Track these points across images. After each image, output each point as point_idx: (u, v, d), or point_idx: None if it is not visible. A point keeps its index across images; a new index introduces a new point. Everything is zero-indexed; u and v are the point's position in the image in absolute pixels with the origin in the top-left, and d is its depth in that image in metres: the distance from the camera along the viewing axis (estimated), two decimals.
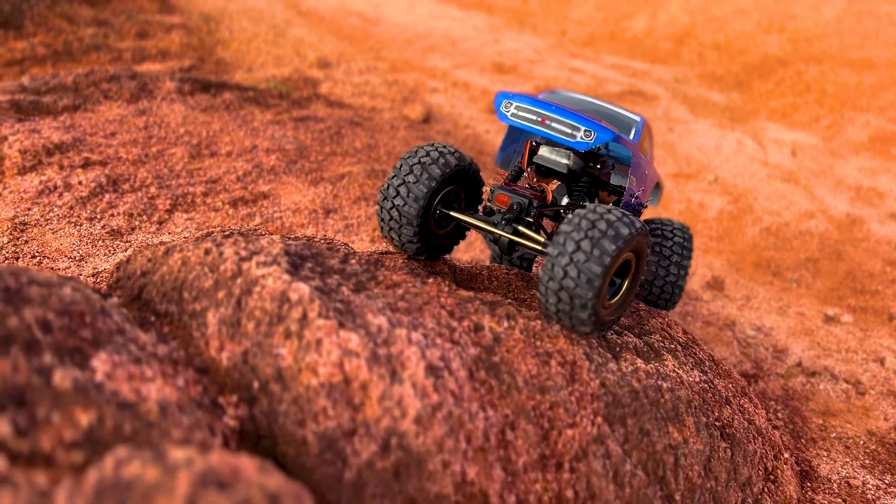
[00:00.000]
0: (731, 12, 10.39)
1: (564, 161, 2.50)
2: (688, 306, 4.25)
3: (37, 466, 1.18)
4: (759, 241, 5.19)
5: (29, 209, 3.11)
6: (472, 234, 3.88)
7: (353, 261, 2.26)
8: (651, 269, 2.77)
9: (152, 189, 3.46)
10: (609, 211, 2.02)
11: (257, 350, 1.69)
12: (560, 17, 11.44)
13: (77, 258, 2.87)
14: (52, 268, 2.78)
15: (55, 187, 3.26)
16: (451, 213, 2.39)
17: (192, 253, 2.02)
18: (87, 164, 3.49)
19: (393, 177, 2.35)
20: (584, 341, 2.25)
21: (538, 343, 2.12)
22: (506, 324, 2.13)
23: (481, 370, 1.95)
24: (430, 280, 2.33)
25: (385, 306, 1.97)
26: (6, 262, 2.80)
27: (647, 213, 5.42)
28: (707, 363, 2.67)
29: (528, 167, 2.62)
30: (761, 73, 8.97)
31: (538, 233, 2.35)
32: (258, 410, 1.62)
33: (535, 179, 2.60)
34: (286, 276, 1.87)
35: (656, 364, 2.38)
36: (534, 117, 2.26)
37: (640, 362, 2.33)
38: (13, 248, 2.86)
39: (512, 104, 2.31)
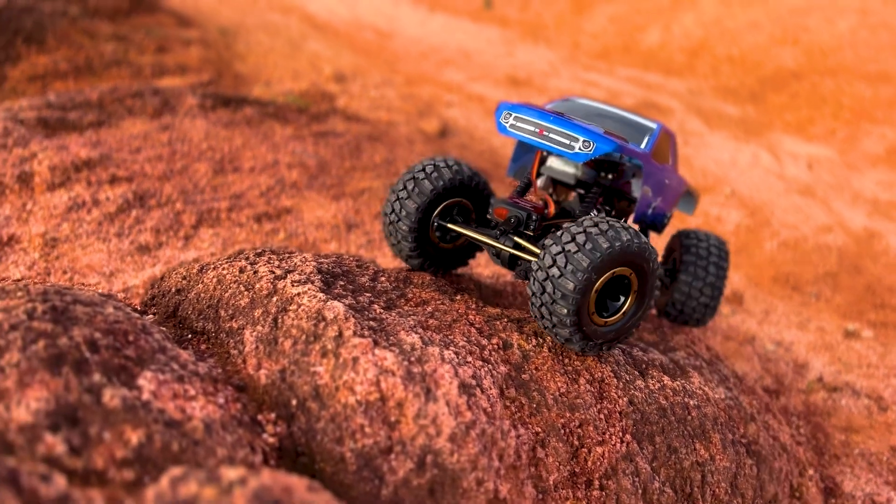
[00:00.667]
0: (745, 25, 10.41)
1: (572, 171, 2.43)
2: None
3: (91, 485, 1.21)
4: (777, 255, 5.19)
5: (59, 225, 3.16)
6: None
7: (382, 278, 2.29)
8: (687, 283, 2.72)
9: (178, 204, 3.51)
10: (596, 224, 1.94)
11: (295, 368, 1.72)
12: (574, 29, 11.50)
13: (107, 274, 2.92)
14: (84, 283, 2.82)
15: (83, 203, 3.31)
16: (450, 226, 2.36)
17: (226, 271, 2.05)
18: (114, 180, 3.54)
19: (392, 193, 2.36)
20: (612, 358, 2.27)
21: (566, 360, 2.14)
22: (534, 341, 2.15)
23: (511, 388, 1.97)
24: (458, 297, 2.35)
25: (416, 324, 2.00)
26: (38, 277, 2.84)
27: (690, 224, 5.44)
28: (731, 380, 2.68)
29: (537, 178, 2.57)
30: (776, 85, 8.97)
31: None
32: (296, 428, 1.65)
33: (549, 191, 2.58)
34: (321, 295, 1.90)
35: (682, 381, 2.39)
36: (532, 128, 2.19)
37: (666, 379, 2.35)
38: (44, 264, 2.91)
39: (511, 115, 2.24)
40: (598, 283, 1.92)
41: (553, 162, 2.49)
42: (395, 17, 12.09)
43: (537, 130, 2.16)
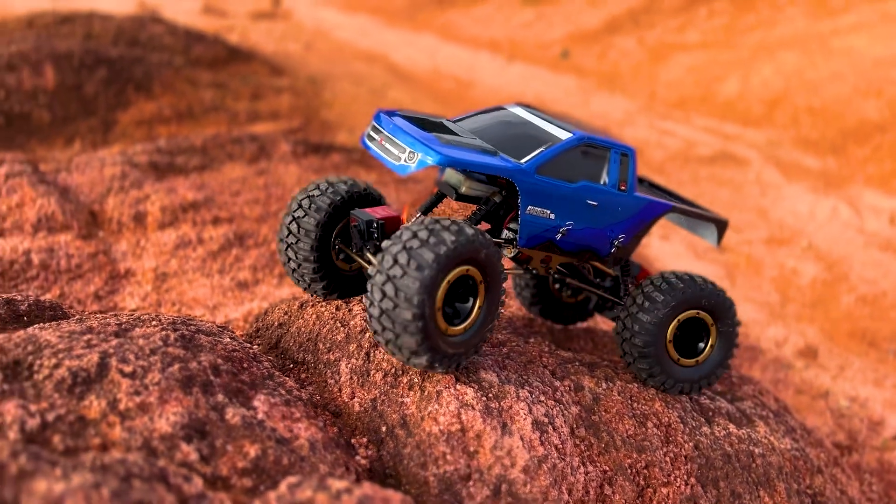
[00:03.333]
0: (827, 76, 10.32)
1: (453, 183, 2.21)
2: (779, 373, 4.26)
3: (218, 488, 1.42)
4: (855, 310, 5.14)
5: (168, 261, 3.48)
6: None
7: None
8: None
9: (273, 245, 3.79)
10: (437, 221, 1.79)
11: (385, 398, 1.92)
12: (650, 79, 11.62)
13: (210, 307, 3.20)
14: (191, 315, 3.10)
15: (189, 242, 3.63)
16: (343, 247, 2.23)
17: (324, 308, 2.28)
18: (216, 221, 3.86)
19: (285, 215, 2.22)
20: (679, 404, 2.38)
21: (635, 405, 2.27)
22: (604, 385, 2.29)
23: (581, 428, 2.11)
24: (532, 340, 2.51)
25: (493, 363, 2.17)
26: (151, 307, 3.15)
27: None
28: (799, 431, 2.73)
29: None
30: (858, 138, 8.85)
31: None
32: (385, 452, 1.83)
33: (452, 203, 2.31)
34: None
35: (748, 430, 2.48)
36: (377, 138, 2.08)
37: (732, 427, 2.43)
38: (156, 296, 3.22)
39: (372, 124, 2.13)
40: (443, 283, 1.76)
41: (446, 174, 2.25)
42: (474, 67, 12.47)
43: (379, 140, 2.07)
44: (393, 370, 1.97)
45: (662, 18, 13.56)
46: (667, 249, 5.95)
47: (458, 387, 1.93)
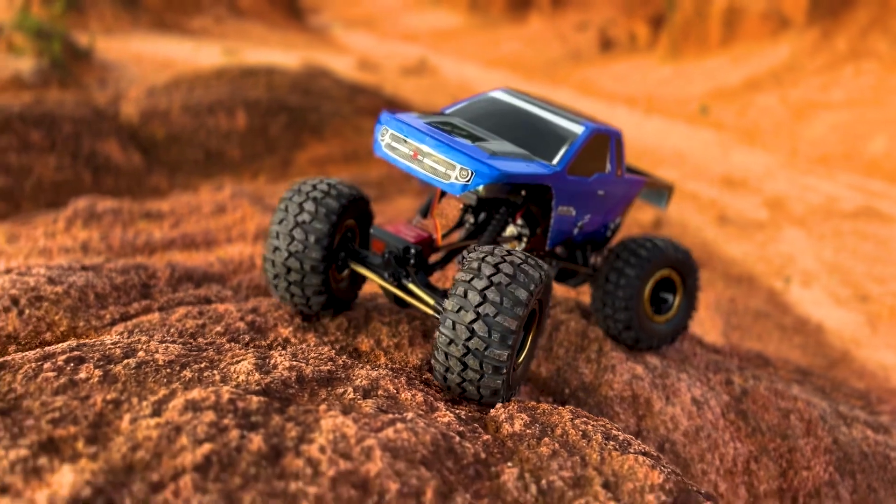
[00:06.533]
0: None
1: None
2: None
3: None
4: None
5: None
6: None
7: None
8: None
9: None
10: (509, 252, 1.68)
11: (567, 368, 2.36)
12: (791, 135, 11.61)
13: None
14: None
15: None
16: (351, 264, 2.04)
17: None
18: None
19: (280, 221, 1.92)
20: (819, 406, 2.67)
21: (779, 401, 2.59)
22: (751, 382, 2.62)
23: (731, 412, 2.46)
24: (686, 342, 2.88)
25: (654, 353, 2.56)
26: None
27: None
28: None
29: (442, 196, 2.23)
30: None
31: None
32: None
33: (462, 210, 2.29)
34: (583, 320, 2.54)
35: (885, 436, 2.72)
36: (406, 150, 1.81)
37: (869, 432, 2.69)
38: None
39: (388, 132, 1.87)
40: (524, 320, 1.69)
41: None
42: (612, 121, 12.86)
43: (411, 153, 1.81)
44: (573, 347, 2.41)
45: (805, 77, 13.53)
46: (807, 297, 6.08)
47: (628, 363, 2.34)
